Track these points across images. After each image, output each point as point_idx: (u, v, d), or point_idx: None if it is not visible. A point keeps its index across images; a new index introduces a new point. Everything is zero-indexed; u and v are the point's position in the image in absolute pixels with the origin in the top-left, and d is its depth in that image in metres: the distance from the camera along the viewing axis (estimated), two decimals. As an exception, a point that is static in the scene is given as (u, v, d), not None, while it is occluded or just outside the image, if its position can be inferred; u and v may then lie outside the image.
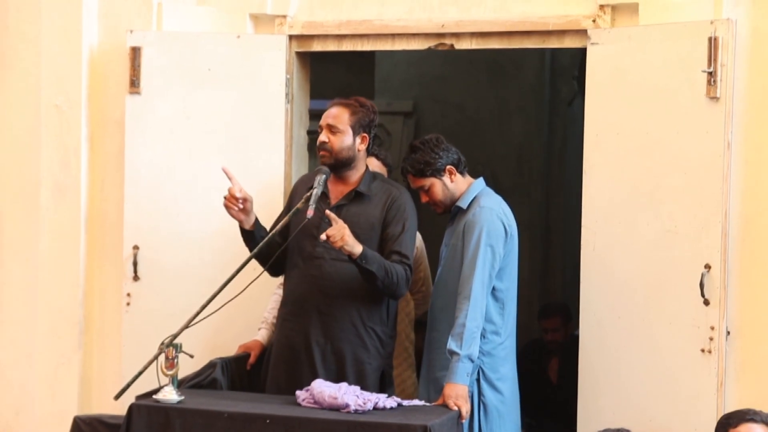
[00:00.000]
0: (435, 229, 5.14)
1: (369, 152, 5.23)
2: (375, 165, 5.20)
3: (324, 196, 4.78)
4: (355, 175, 4.85)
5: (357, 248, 4.56)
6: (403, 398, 4.56)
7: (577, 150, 5.37)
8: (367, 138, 4.85)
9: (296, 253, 4.82)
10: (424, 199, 4.94)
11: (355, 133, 4.81)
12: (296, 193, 4.93)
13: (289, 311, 4.83)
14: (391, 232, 4.78)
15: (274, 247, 4.73)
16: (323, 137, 4.79)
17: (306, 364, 4.73)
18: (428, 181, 4.89)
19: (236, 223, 4.84)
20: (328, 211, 4.59)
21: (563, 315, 6.73)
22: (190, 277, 5.39)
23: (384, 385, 4.83)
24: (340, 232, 4.51)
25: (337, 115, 4.80)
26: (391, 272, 4.65)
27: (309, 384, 4.47)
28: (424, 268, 5.46)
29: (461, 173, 4.92)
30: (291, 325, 4.80)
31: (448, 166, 4.88)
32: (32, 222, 5.67)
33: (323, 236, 4.50)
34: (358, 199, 4.81)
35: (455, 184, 4.90)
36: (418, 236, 5.35)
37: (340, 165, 4.81)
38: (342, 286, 4.73)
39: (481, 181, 4.97)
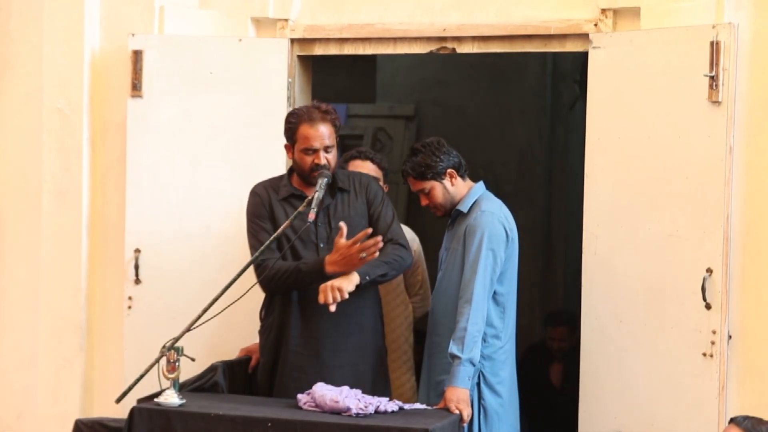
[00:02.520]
0: (434, 232, 5.14)
1: (365, 156, 5.23)
2: (370, 168, 5.19)
3: (301, 199, 4.73)
4: None
5: (354, 279, 4.52)
6: (402, 402, 4.55)
7: (579, 154, 5.37)
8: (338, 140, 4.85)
9: (294, 260, 4.74)
10: (424, 202, 4.94)
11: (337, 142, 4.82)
12: (263, 203, 4.81)
13: (297, 317, 4.75)
14: (374, 211, 4.79)
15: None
16: (323, 161, 4.70)
17: (334, 365, 4.69)
18: (429, 184, 4.89)
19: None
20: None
21: (570, 325, 6.62)
22: (191, 280, 5.39)
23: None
24: (333, 291, 4.46)
25: (330, 134, 4.73)
26: (392, 261, 4.65)
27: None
28: (422, 271, 5.46)
29: (462, 177, 4.92)
30: (302, 332, 4.74)
31: (449, 170, 4.87)
32: (34, 225, 5.67)
33: (332, 308, 4.45)
34: (340, 194, 4.80)
35: (456, 188, 4.89)
36: (416, 239, 5.35)
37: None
38: None
39: (481, 185, 4.97)
